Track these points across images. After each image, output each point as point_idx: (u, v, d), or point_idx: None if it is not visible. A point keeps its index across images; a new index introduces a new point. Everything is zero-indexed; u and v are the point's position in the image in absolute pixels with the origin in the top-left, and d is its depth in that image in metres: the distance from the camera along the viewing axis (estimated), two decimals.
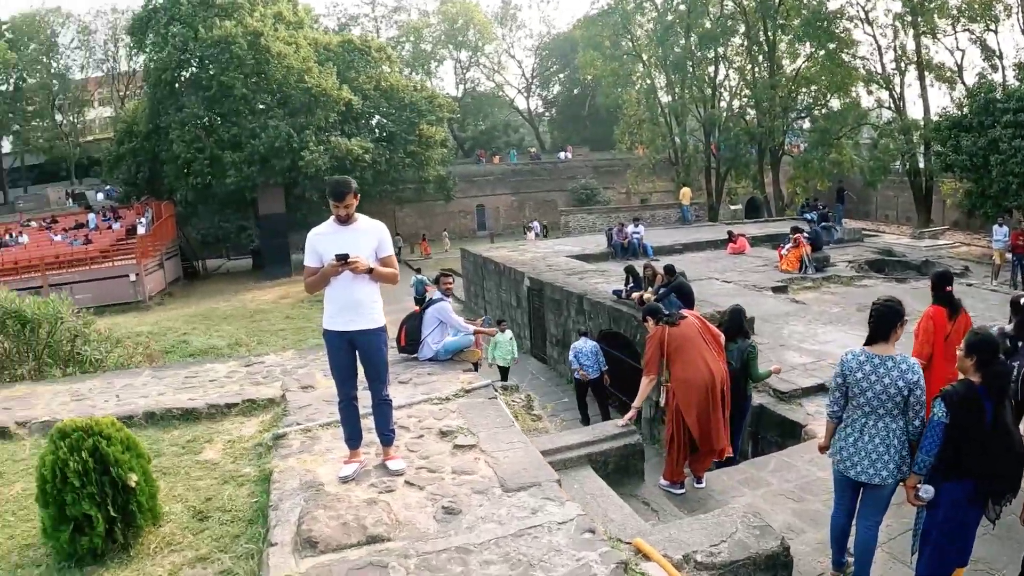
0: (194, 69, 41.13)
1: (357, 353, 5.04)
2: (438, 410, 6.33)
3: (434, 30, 64.10)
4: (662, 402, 7.34)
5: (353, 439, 5.24)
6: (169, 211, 40.99)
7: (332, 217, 4.96)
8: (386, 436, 5.25)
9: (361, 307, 4.90)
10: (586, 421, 12.77)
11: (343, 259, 4.70)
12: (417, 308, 8.09)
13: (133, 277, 33.89)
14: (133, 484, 4.63)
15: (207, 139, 39.51)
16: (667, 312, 7.15)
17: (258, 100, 39.20)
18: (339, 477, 5.07)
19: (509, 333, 14.85)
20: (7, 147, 63.61)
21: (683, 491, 6.83)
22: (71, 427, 4.66)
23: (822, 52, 35.15)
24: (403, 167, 43.47)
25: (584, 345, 12.96)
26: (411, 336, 7.83)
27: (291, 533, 4.36)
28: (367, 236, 4.92)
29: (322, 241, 4.89)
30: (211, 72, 39.09)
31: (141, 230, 38.31)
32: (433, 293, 8.19)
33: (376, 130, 45.55)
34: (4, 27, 59.34)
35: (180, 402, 7.32)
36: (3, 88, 58.28)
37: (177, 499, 5.33)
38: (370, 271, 4.82)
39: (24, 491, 5.87)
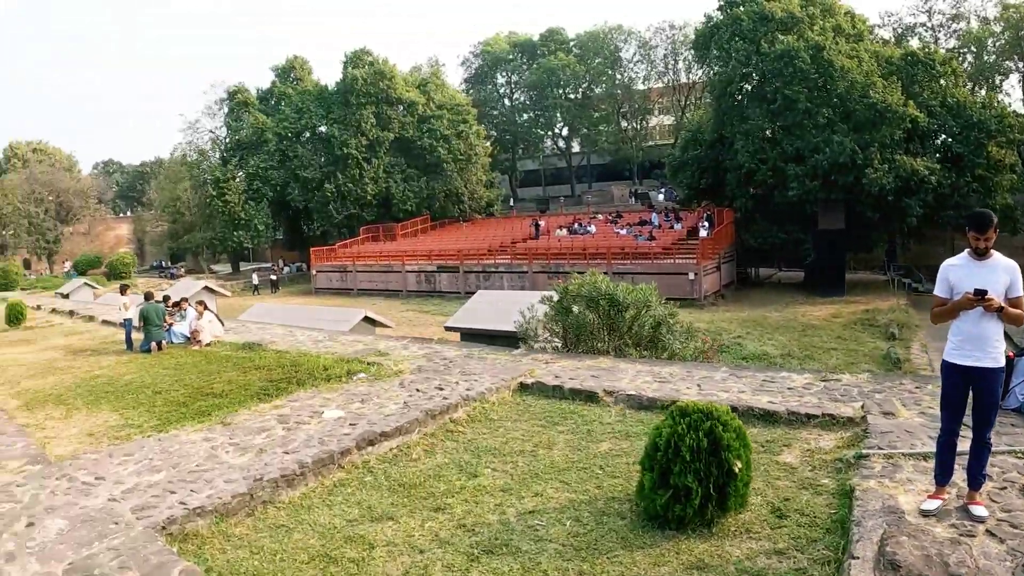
0: (756, 82, 42.60)
1: (971, 390, 5.00)
2: (1022, 464, 5.95)
3: (997, 39, 55.10)
4: None
5: (944, 475, 5.21)
6: (729, 218, 43.32)
7: (967, 249, 4.99)
8: (977, 480, 5.12)
9: (986, 344, 4.88)
10: None
11: (981, 295, 4.70)
12: None
13: (692, 276, 36.86)
14: (737, 470, 5.22)
15: (770, 151, 40.57)
16: None
17: (820, 114, 38.80)
18: (920, 509, 5.10)
19: None
20: (576, 147, 74.55)
21: None
22: (692, 408, 5.45)
23: None
24: (968, 192, 38.78)
25: None
26: None
27: (872, 551, 4.55)
28: (1001, 273, 4.86)
29: (956, 273, 4.98)
30: (774, 85, 40.07)
31: (703, 233, 41.32)
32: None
33: (941, 150, 41.47)
34: (572, 43, 69.84)
35: (760, 403, 7.90)
36: (573, 96, 68.70)
37: (756, 492, 5.83)
38: (1000, 310, 4.77)
39: (610, 450, 6.94)
